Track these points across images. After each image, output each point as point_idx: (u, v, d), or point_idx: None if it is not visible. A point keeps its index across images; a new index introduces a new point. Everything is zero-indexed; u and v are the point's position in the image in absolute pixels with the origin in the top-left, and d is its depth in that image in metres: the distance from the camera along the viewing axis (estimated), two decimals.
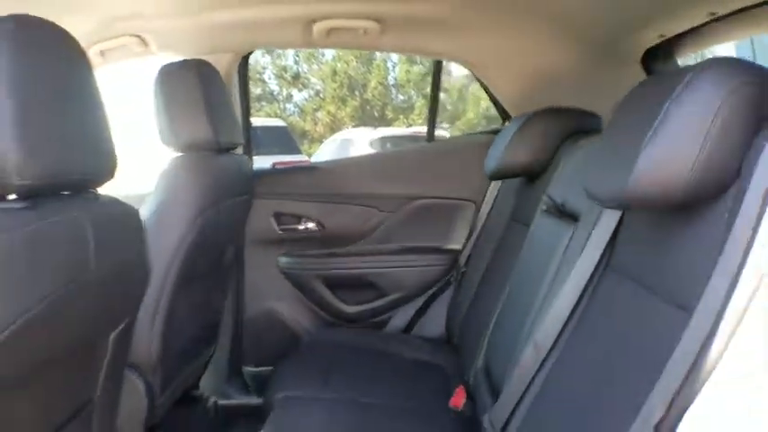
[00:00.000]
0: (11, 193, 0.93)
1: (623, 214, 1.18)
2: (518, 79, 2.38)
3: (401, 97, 20.53)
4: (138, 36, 2.17)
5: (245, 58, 2.47)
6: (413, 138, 9.00)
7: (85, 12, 1.96)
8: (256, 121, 9.90)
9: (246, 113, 2.53)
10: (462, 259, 2.46)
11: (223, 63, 2.28)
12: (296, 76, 20.34)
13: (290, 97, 21.47)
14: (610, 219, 1.20)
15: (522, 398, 1.31)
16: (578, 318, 1.23)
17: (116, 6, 1.99)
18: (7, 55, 0.90)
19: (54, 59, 1.02)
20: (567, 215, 1.47)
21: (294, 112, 21.44)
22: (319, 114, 20.24)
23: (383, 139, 9.34)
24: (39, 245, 0.93)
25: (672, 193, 0.85)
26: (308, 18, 2.13)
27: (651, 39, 1.89)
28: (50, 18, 1.82)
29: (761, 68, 0.89)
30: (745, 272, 0.74)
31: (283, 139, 9.08)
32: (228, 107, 2.03)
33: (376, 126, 12.01)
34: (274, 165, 5.94)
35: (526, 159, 1.89)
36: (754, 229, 0.74)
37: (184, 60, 1.91)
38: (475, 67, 2.45)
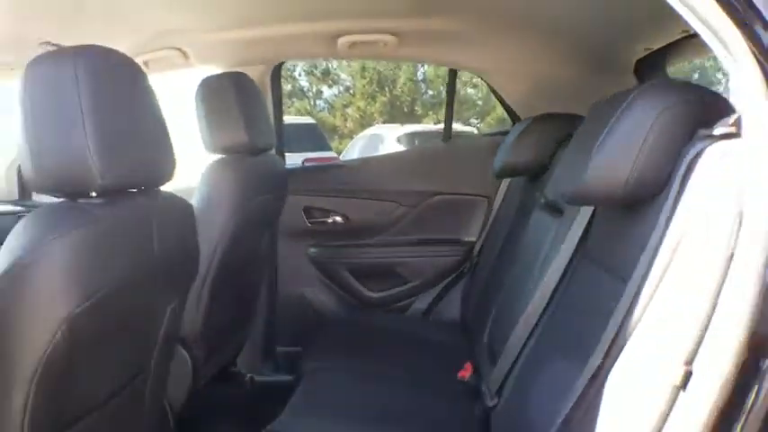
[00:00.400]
0: (93, 192, 1.13)
1: (594, 210, 1.39)
2: (525, 86, 2.58)
3: (430, 93, 20.46)
4: (180, 49, 2.40)
5: (278, 68, 2.68)
6: (440, 134, 9.11)
7: (132, 26, 2.18)
8: (287, 119, 10.08)
9: (279, 118, 2.74)
10: (476, 250, 2.67)
11: (257, 73, 2.50)
12: (326, 73, 20.34)
13: (319, 93, 21.51)
14: (585, 214, 1.42)
15: (513, 364, 1.54)
16: (559, 296, 1.45)
17: (160, 22, 2.21)
18: (85, 82, 1.09)
19: (120, 81, 1.21)
20: (555, 211, 1.68)
21: (324, 107, 21.47)
22: (349, 110, 20.23)
23: (411, 135, 9.45)
24: (115, 233, 1.16)
25: (613, 192, 1.07)
26: (333, 33, 2.35)
27: (639, 51, 2.08)
28: (101, 31, 2.09)
29: (693, 89, 1.10)
30: (661, 251, 0.95)
31: (313, 136, 9.24)
32: (262, 113, 2.22)
33: (403, 123, 12.14)
34: (304, 161, 6.17)
35: (526, 160, 2.09)
36: (668, 220, 0.95)
37: (223, 73, 2.14)
38: (486, 75, 2.65)
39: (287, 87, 19.35)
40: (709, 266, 0.80)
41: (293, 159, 5.31)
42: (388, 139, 9.64)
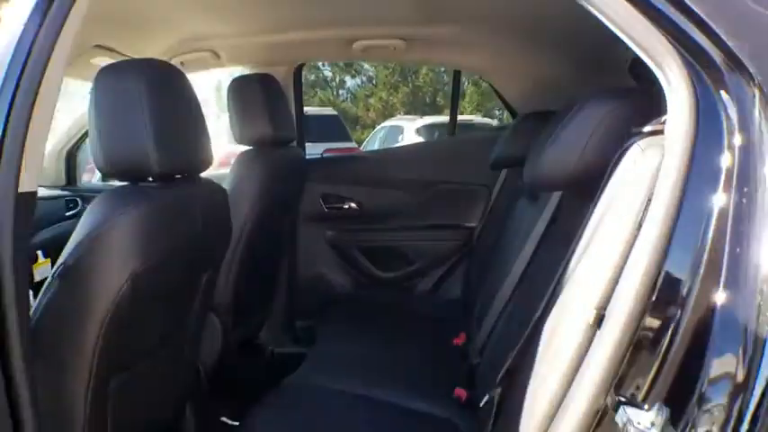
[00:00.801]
0: (150, 177, 1.40)
1: (561, 197, 1.65)
2: (524, 85, 2.81)
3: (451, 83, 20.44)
4: (213, 51, 2.68)
5: (299, 68, 2.94)
6: (460, 125, 9.23)
7: (172, 31, 2.47)
8: (310, 110, 10.28)
9: (300, 113, 3.00)
10: (475, 235, 2.92)
11: (281, 72, 2.77)
12: (349, 63, 20.46)
13: (342, 83, 21.62)
14: (553, 200, 1.68)
15: (493, 328, 1.80)
16: (530, 270, 1.71)
17: (196, 27, 2.49)
18: (145, 89, 1.35)
19: (172, 88, 1.47)
20: (533, 198, 1.94)
21: (347, 97, 21.64)
22: (371, 100, 20.29)
23: (430, 127, 9.57)
24: (168, 210, 1.42)
25: (561, 179, 1.32)
26: (348, 39, 2.61)
27: (631, 51, 2.26)
28: (146, 35, 2.35)
29: (639, 94, 1.31)
30: (591, 223, 1.19)
31: (335, 127, 9.42)
32: (285, 109, 2.48)
33: (424, 114, 12.33)
34: (325, 151, 6.42)
35: (516, 153, 2.27)
36: (595, 200, 1.19)
37: (251, 74, 2.41)
38: (487, 75, 2.90)
39: (311, 77, 19.40)
40: (622, 233, 1.01)
41: (315, 149, 5.54)
42: (408, 129, 9.84)
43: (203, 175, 1.64)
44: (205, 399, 2.10)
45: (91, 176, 3.40)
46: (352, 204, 3.02)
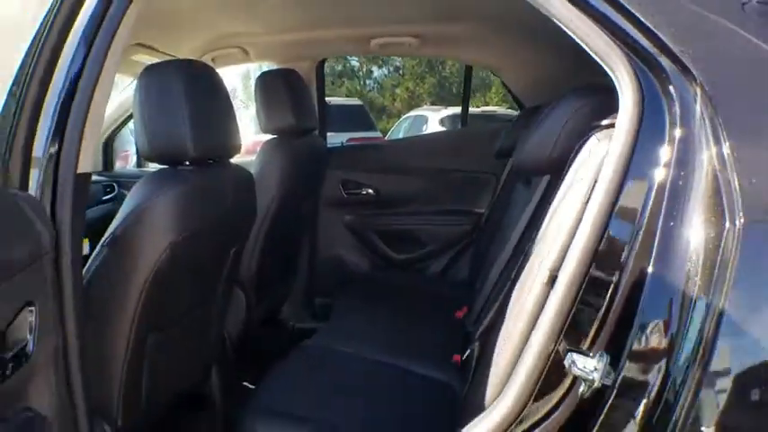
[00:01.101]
0: (187, 161, 1.59)
1: (549, 180, 1.84)
2: (530, 80, 2.99)
3: (480, 74, 20.47)
4: (242, 48, 2.90)
5: (321, 63, 3.15)
6: (482, 115, 9.38)
7: (204, 29, 2.68)
8: (336, 100, 10.40)
9: (322, 105, 3.19)
10: (484, 219, 3.09)
11: (304, 67, 2.97)
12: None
13: (369, 73, 21.73)
14: (543, 184, 1.87)
15: (488, 298, 2.00)
16: (521, 244, 1.90)
17: (227, 27, 2.70)
18: (183, 84, 1.53)
19: (208, 85, 1.64)
20: (527, 182, 2.13)
21: (374, 87, 21.75)
22: (398, 90, 20.40)
23: (453, 117, 9.62)
24: (201, 191, 1.61)
25: (541, 164, 1.52)
26: (366, 36, 2.81)
27: None
28: (180, 33, 2.54)
29: (607, 93, 1.49)
30: (555, 200, 1.38)
31: (359, 117, 9.60)
32: (308, 101, 2.66)
33: (448, 105, 12.46)
34: (348, 140, 6.61)
35: (513, 143, 2.46)
36: (559, 182, 1.38)
37: (276, 69, 2.61)
38: (496, 70, 3.08)
39: (338, 67, 19.50)
40: (573, 208, 1.18)
41: (339, 139, 5.69)
42: (432, 119, 9.96)
43: (232, 160, 1.82)
44: (230, 365, 2.27)
45: (124, 163, 3.62)
46: (370, 190, 3.18)
